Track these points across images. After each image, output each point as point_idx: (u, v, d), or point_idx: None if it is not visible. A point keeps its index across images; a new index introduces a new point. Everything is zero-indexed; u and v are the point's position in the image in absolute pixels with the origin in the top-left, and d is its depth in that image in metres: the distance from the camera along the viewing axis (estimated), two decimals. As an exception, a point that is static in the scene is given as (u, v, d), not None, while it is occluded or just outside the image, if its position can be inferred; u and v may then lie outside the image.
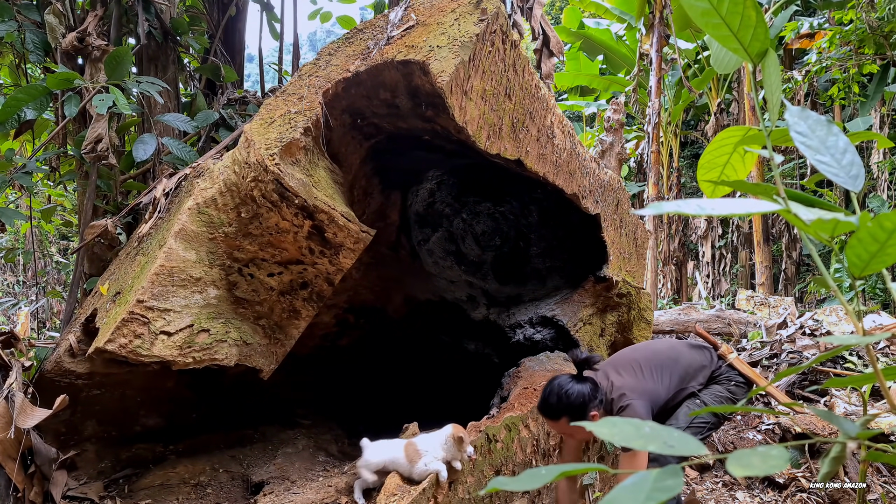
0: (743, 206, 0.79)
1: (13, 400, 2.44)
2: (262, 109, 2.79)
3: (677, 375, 2.63)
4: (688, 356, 2.72)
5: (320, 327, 3.97)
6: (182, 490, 2.88)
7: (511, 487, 0.69)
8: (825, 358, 1.06)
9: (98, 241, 3.27)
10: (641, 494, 0.62)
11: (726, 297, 13.00)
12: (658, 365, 2.62)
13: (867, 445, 0.88)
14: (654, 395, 2.53)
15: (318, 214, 2.58)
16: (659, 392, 2.55)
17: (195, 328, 2.58)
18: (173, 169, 3.38)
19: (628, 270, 3.78)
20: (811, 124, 0.98)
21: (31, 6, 3.65)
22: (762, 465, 0.67)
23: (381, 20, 2.87)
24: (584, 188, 3.35)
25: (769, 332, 6.06)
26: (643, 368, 2.60)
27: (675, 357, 2.69)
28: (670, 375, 2.61)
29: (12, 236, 8.45)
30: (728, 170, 1.29)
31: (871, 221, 0.80)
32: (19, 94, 3.12)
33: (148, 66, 4.09)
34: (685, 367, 2.67)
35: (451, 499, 2.42)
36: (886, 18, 7.66)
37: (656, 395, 2.53)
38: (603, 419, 0.74)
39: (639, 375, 2.58)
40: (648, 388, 2.53)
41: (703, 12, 1.00)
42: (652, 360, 2.65)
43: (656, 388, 2.55)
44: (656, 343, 2.93)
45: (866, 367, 4.40)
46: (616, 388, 2.53)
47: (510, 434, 2.83)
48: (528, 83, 2.89)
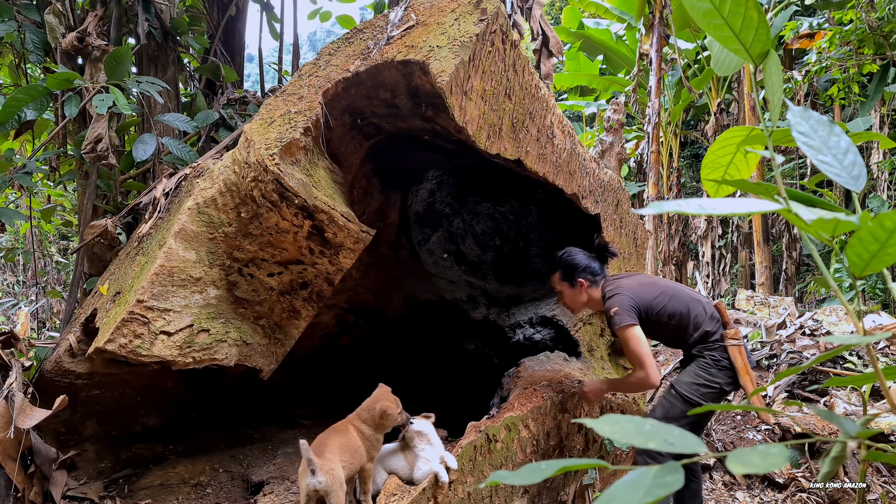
0: (744, 205, 0.79)
1: (13, 400, 2.44)
2: (262, 109, 2.79)
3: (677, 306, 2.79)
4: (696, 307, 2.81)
5: (320, 327, 3.97)
6: (182, 490, 2.88)
7: (511, 481, 0.70)
8: (825, 358, 1.06)
9: (98, 241, 3.27)
10: (640, 490, 0.62)
11: (726, 297, 13.00)
12: (662, 290, 2.83)
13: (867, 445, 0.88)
14: (645, 301, 2.76)
15: (318, 214, 2.58)
16: (651, 303, 2.77)
17: (195, 328, 2.58)
18: (173, 169, 3.38)
19: (628, 270, 3.78)
20: (813, 124, 0.98)
21: (31, 6, 3.65)
22: (762, 462, 0.67)
23: (381, 20, 2.87)
24: (584, 188, 3.35)
25: (769, 332, 6.06)
26: (648, 283, 2.86)
27: (685, 297, 2.83)
28: (670, 298, 2.80)
29: (12, 236, 8.45)
30: (731, 169, 1.29)
31: (872, 221, 0.80)
32: (19, 94, 3.12)
33: (148, 66, 4.09)
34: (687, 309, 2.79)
35: (451, 499, 2.43)
36: (886, 18, 7.66)
37: (647, 303, 2.76)
38: (605, 416, 0.74)
39: (642, 283, 2.85)
40: (642, 294, 2.78)
41: (705, 13, 1.00)
42: (660, 283, 2.90)
43: (648, 298, 2.78)
44: (678, 285, 3.00)
45: (866, 367, 4.40)
46: (614, 280, 2.90)
47: (510, 434, 2.83)
48: (528, 83, 2.89)
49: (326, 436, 2.43)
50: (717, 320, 2.81)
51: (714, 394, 2.72)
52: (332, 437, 2.41)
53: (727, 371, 2.71)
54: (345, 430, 2.47)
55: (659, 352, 6.56)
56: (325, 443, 2.36)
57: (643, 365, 2.69)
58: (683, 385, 2.75)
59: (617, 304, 2.77)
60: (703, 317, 2.79)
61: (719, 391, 2.72)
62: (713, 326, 2.78)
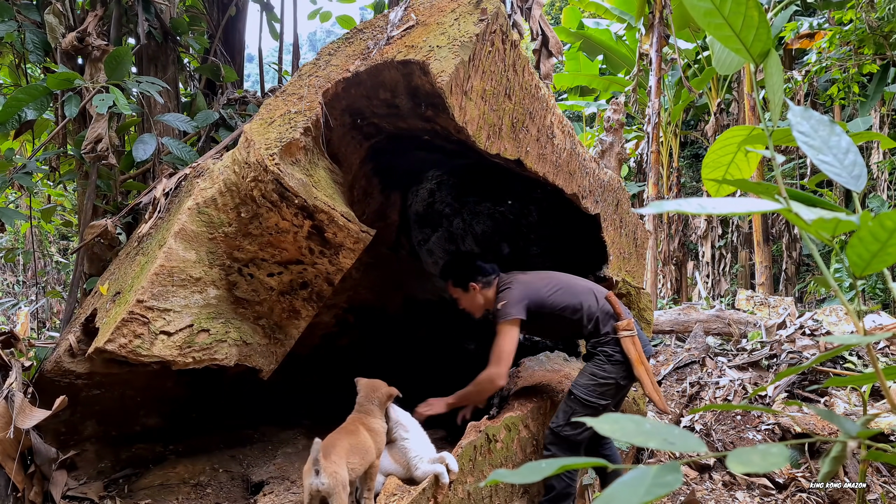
0: (744, 205, 0.79)
1: (13, 400, 2.44)
2: (262, 109, 2.79)
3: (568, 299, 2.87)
4: (589, 299, 2.88)
5: (320, 327, 3.97)
6: (182, 490, 2.88)
7: (511, 480, 0.70)
8: (825, 358, 1.06)
9: (98, 241, 3.27)
10: (641, 489, 0.62)
11: (726, 297, 13.00)
12: (556, 284, 2.92)
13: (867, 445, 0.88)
14: (538, 295, 2.85)
15: (318, 214, 2.58)
16: (543, 296, 2.85)
17: (195, 328, 2.58)
18: (173, 169, 3.38)
19: (628, 270, 3.78)
20: (814, 124, 0.98)
21: (31, 6, 3.65)
22: (762, 462, 0.67)
23: (380, 20, 2.87)
24: (583, 188, 3.35)
25: (769, 332, 6.06)
26: (542, 277, 2.97)
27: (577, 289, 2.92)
28: (563, 291, 2.89)
29: (12, 236, 8.45)
30: (732, 169, 1.29)
31: (872, 221, 0.80)
32: (19, 94, 3.12)
33: (148, 66, 4.09)
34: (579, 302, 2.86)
35: (452, 498, 2.43)
36: (886, 18, 7.66)
37: (539, 296, 2.85)
38: (605, 415, 0.75)
39: (536, 278, 2.96)
40: (534, 287, 2.88)
41: (705, 12, 1.00)
42: (555, 277, 3.00)
43: (541, 292, 2.86)
44: (574, 278, 3.07)
45: (866, 367, 4.40)
46: (509, 276, 2.99)
47: (510, 434, 2.83)
48: (528, 83, 2.89)
49: (336, 436, 2.42)
50: (608, 312, 2.86)
51: (612, 390, 2.77)
52: (342, 438, 2.40)
53: (621, 365, 2.76)
54: (355, 430, 2.47)
55: (659, 352, 6.56)
56: (333, 444, 2.36)
57: (499, 363, 2.78)
58: (580, 388, 2.78)
59: (506, 297, 2.85)
60: (595, 307, 2.84)
61: (615, 386, 2.77)
62: (605, 317, 2.83)
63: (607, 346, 2.79)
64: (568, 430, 2.73)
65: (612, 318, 2.84)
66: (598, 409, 2.73)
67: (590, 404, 2.73)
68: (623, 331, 2.78)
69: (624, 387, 2.82)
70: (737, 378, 4.90)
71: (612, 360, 2.77)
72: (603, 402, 2.74)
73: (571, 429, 2.72)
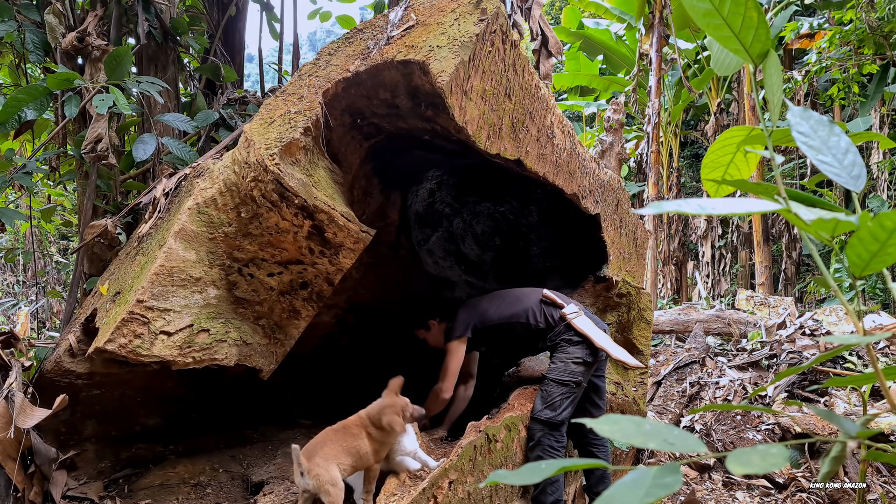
0: (744, 205, 0.79)
1: (13, 400, 2.44)
2: (261, 109, 2.79)
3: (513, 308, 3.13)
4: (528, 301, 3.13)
5: (320, 327, 3.97)
6: (182, 490, 2.88)
7: (511, 481, 0.70)
8: (825, 358, 1.06)
9: (98, 241, 3.27)
10: (640, 490, 0.62)
11: (726, 297, 13.01)
12: (501, 299, 3.21)
13: (867, 445, 0.88)
14: (481, 315, 3.14)
15: (318, 214, 2.57)
16: (485, 314, 3.14)
17: (195, 328, 2.58)
18: (173, 169, 3.38)
19: (628, 270, 3.78)
20: (813, 125, 0.98)
21: (31, 6, 3.65)
22: (762, 462, 0.67)
23: (381, 20, 2.87)
24: (583, 188, 3.35)
25: (769, 332, 6.06)
26: (490, 297, 3.26)
27: (513, 297, 3.19)
28: (503, 303, 3.17)
29: (12, 236, 8.45)
30: (732, 169, 1.29)
31: (872, 221, 0.80)
32: (19, 94, 3.11)
33: (148, 66, 4.09)
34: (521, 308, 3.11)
35: (452, 498, 2.43)
36: (886, 18, 7.66)
37: (482, 316, 3.14)
38: (605, 416, 0.75)
39: (485, 299, 3.24)
40: (478, 308, 3.17)
41: (704, 13, 1.00)
42: (502, 293, 3.27)
43: (484, 311, 3.15)
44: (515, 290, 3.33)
45: (866, 367, 4.40)
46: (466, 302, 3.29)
47: (510, 434, 2.83)
48: (528, 83, 2.89)
49: (328, 435, 2.43)
50: (550, 305, 3.08)
51: (581, 367, 2.91)
52: (336, 438, 2.41)
53: (582, 344, 2.93)
54: (356, 433, 2.47)
55: (659, 352, 6.56)
56: (323, 443, 2.37)
57: (445, 378, 3.06)
58: (552, 372, 2.94)
59: (454, 321, 3.14)
60: (537, 307, 3.08)
61: (583, 363, 2.91)
62: (549, 310, 3.06)
63: (564, 334, 2.98)
64: (547, 412, 2.85)
65: (555, 309, 3.05)
66: (571, 386, 2.88)
67: (564, 382, 2.88)
68: (569, 315, 2.99)
69: (591, 363, 2.94)
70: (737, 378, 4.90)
71: (573, 342, 2.94)
72: (575, 379, 2.88)
73: (550, 410, 2.84)
